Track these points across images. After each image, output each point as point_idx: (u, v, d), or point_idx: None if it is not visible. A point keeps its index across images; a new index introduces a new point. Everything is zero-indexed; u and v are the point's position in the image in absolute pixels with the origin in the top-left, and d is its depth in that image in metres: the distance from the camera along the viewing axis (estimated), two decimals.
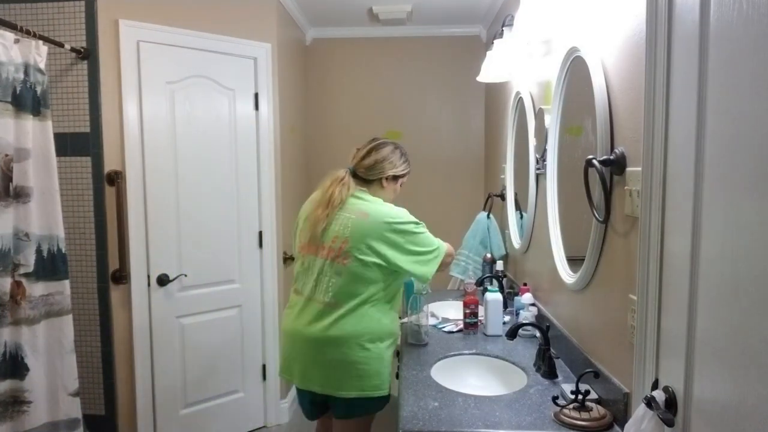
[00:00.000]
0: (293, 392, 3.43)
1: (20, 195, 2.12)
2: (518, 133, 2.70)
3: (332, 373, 1.82)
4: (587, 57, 1.58)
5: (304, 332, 1.86)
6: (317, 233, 1.87)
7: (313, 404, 1.96)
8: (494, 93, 3.56)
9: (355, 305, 1.82)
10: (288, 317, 1.96)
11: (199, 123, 2.82)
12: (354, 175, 1.96)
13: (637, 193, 1.24)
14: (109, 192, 2.57)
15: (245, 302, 3.04)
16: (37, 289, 2.18)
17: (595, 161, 1.43)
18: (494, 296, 2.17)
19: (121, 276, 2.60)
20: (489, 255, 2.93)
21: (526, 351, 1.97)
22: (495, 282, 2.49)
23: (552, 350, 1.78)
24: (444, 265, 2.00)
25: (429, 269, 1.91)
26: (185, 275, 2.79)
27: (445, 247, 1.99)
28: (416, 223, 1.90)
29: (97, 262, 2.59)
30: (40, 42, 2.20)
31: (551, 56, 2.09)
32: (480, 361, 1.96)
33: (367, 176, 1.95)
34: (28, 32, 2.17)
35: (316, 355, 1.84)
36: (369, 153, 1.97)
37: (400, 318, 2.24)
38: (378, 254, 1.81)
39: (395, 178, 2.00)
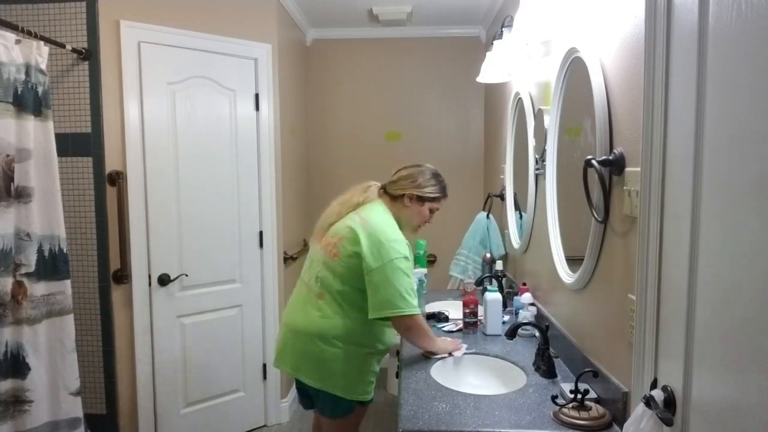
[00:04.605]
0: (294, 392, 3.44)
1: (21, 195, 2.12)
2: (517, 134, 2.71)
3: (304, 360, 1.92)
4: (586, 57, 1.58)
5: (291, 320, 1.98)
6: (325, 225, 2.01)
7: (300, 392, 2.04)
8: (494, 94, 3.57)
9: (337, 302, 1.89)
10: (287, 306, 2.07)
11: (199, 123, 2.82)
12: (386, 190, 2.05)
13: (636, 194, 1.24)
14: (110, 192, 2.58)
15: (246, 302, 3.05)
16: (38, 288, 2.18)
17: (594, 161, 1.44)
18: (494, 296, 2.17)
19: (122, 276, 2.60)
20: (488, 255, 2.94)
21: (526, 350, 1.97)
22: (494, 282, 2.49)
23: (551, 350, 1.78)
24: (407, 335, 1.90)
25: (377, 311, 1.82)
26: (186, 275, 2.79)
27: (418, 317, 1.84)
28: (405, 258, 1.84)
29: (99, 261, 2.60)
30: (42, 43, 2.20)
31: (550, 57, 2.10)
32: (479, 361, 1.96)
33: (391, 190, 2.03)
34: (29, 33, 2.17)
35: (295, 342, 1.94)
36: (400, 170, 2.07)
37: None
38: (358, 257, 1.84)
39: (420, 199, 2.00)
